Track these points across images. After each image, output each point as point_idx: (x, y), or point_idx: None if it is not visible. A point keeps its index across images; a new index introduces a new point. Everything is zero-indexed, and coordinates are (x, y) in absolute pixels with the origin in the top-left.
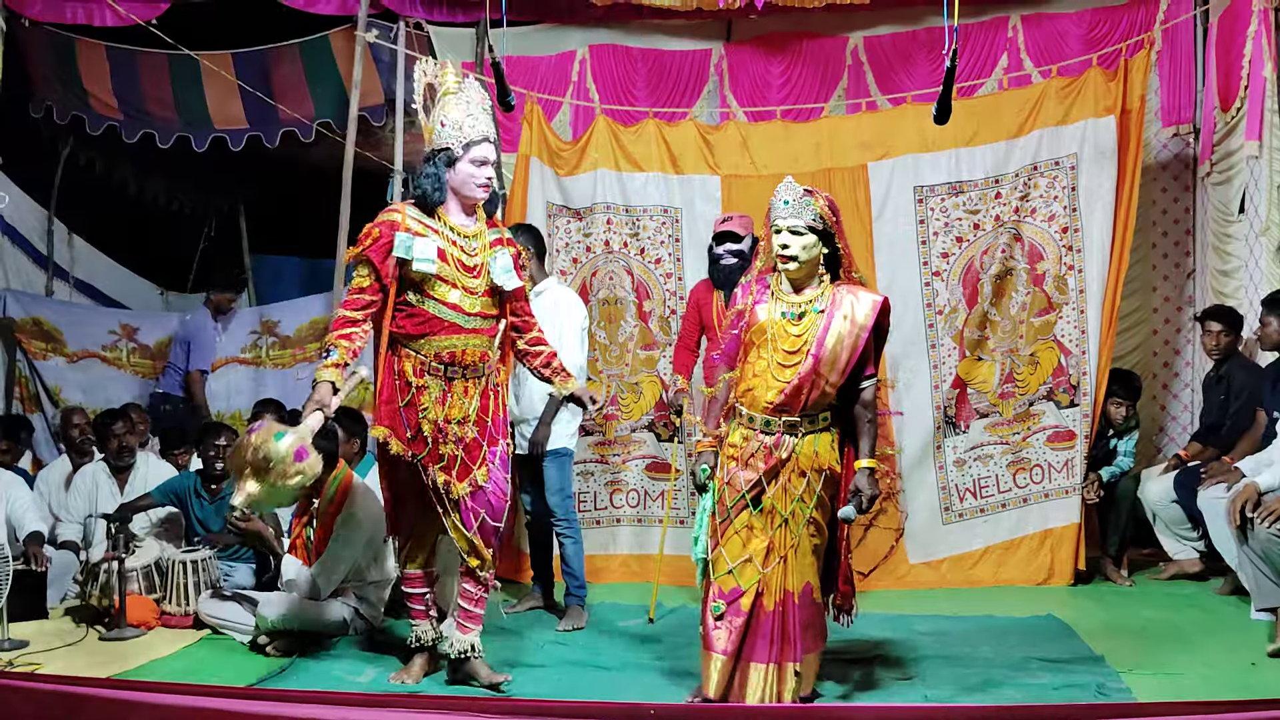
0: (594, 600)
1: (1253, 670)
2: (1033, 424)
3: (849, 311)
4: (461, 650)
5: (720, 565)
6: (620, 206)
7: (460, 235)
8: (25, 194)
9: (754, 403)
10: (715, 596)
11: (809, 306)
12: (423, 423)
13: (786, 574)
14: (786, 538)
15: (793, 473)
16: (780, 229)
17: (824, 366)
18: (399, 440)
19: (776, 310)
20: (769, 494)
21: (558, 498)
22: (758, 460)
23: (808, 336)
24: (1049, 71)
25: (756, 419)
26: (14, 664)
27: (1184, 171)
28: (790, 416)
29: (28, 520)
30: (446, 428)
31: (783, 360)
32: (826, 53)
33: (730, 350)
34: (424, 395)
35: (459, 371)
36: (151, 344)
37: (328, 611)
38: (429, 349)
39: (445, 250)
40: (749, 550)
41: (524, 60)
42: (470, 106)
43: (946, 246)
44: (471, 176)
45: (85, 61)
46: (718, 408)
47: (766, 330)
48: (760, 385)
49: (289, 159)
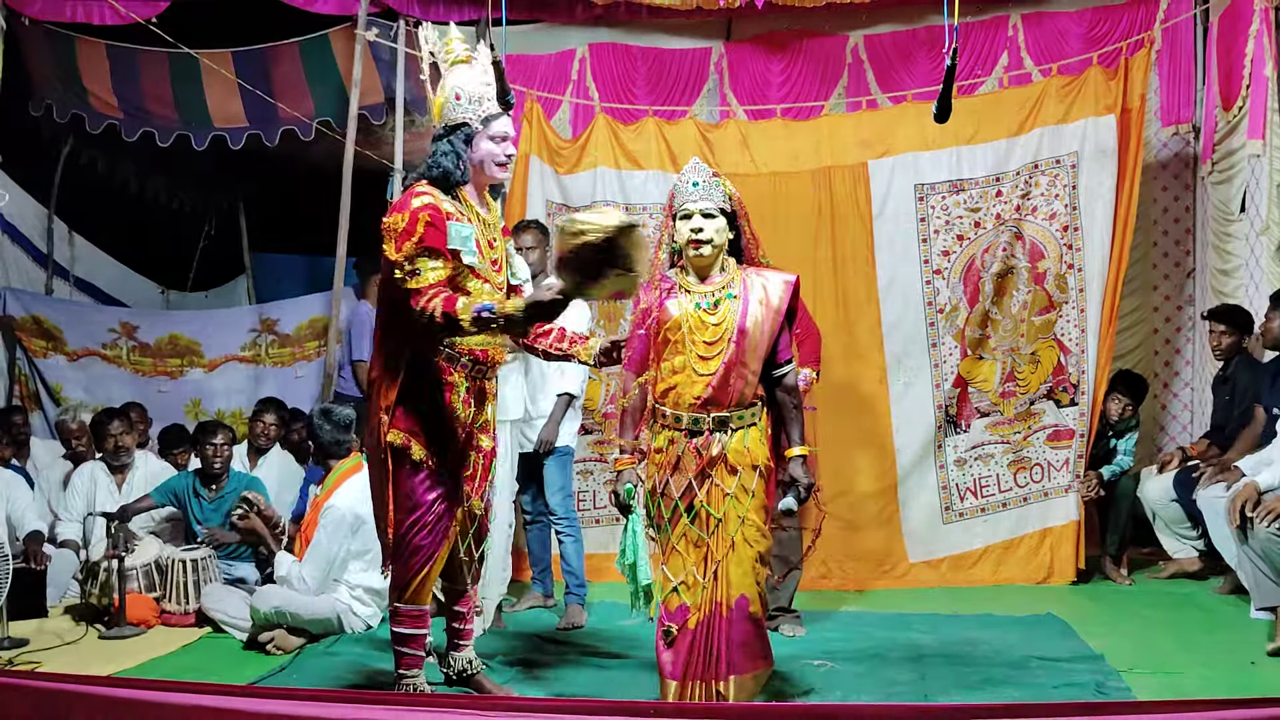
0: (593, 599)
1: (1252, 669)
2: (1033, 423)
3: (762, 295)
4: (461, 669)
5: (665, 584)
6: (620, 204)
7: (483, 222)
8: (25, 192)
9: (678, 401)
10: (664, 618)
11: (722, 293)
12: (454, 426)
13: (718, 585)
14: (720, 542)
15: (724, 470)
16: (691, 212)
17: (746, 353)
18: (420, 445)
19: (689, 303)
20: (700, 496)
21: (559, 496)
22: (687, 462)
23: (726, 324)
24: (1049, 70)
25: (683, 418)
26: (14, 662)
27: (1184, 170)
28: (719, 411)
29: (28, 519)
30: (475, 435)
31: (703, 352)
32: (827, 51)
33: (639, 353)
34: (453, 395)
35: (483, 371)
36: (152, 342)
37: (319, 607)
38: (464, 344)
39: (479, 239)
40: (689, 564)
41: (524, 59)
42: (487, 76)
43: (947, 245)
44: (491, 154)
45: (85, 60)
46: (632, 419)
47: (682, 324)
48: (683, 381)
49: (289, 157)
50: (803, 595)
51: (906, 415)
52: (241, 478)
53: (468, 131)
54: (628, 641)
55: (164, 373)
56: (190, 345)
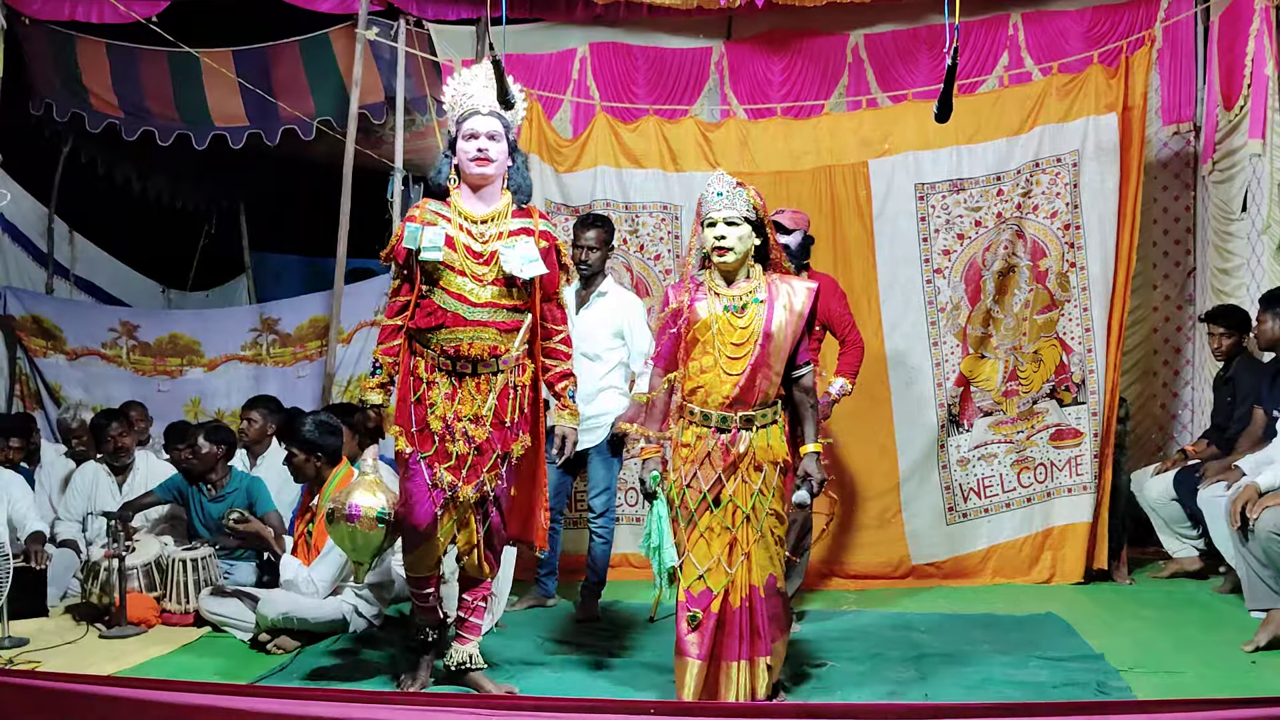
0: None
1: (1252, 668)
2: (1036, 422)
3: (787, 301)
4: (460, 662)
5: (690, 571)
6: (620, 204)
7: (469, 220)
8: (26, 191)
9: (706, 400)
10: (688, 603)
11: (749, 298)
12: (430, 419)
13: (751, 569)
14: (750, 533)
15: (750, 467)
16: (715, 221)
17: (771, 356)
18: (406, 438)
19: (718, 305)
20: (729, 490)
21: (604, 496)
22: (715, 458)
23: (753, 327)
24: (1049, 69)
25: (711, 416)
26: (14, 662)
27: (1184, 169)
28: (745, 411)
29: (30, 520)
30: (455, 425)
31: (731, 354)
32: (827, 50)
33: (668, 351)
34: (433, 391)
35: (468, 366)
36: (152, 341)
37: (327, 610)
38: (436, 343)
39: (454, 237)
40: (714, 552)
41: (524, 58)
42: (466, 86)
43: (948, 244)
44: (464, 153)
45: (85, 59)
46: (658, 412)
47: (711, 326)
48: (712, 381)
49: (289, 157)
50: (803, 595)
51: (908, 415)
52: (244, 477)
53: (450, 137)
54: (628, 641)
55: (164, 372)
56: (190, 345)
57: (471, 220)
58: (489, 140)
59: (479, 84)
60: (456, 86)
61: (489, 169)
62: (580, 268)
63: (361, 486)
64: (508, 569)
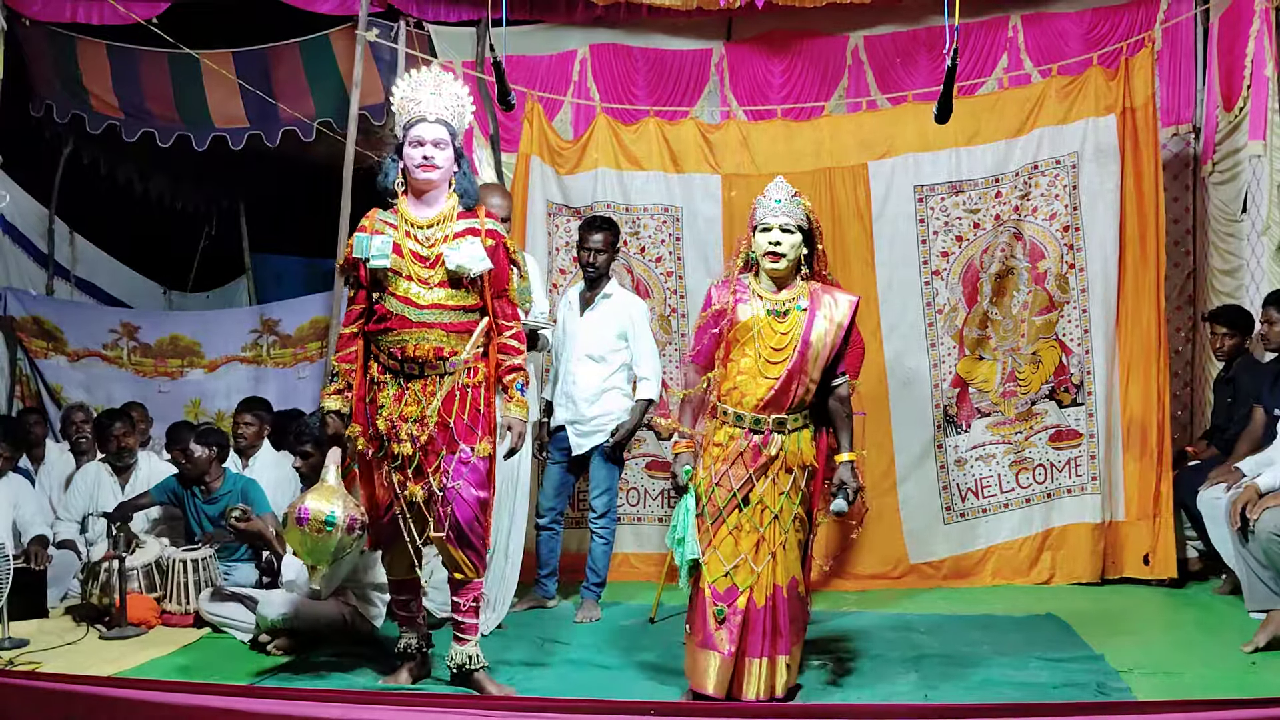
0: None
1: (1252, 669)
2: (1035, 423)
3: (829, 311)
4: (460, 663)
5: (716, 567)
6: (620, 205)
7: (414, 225)
8: (26, 193)
9: (741, 401)
10: (714, 599)
11: (792, 304)
12: (378, 420)
13: (776, 569)
14: (776, 534)
15: (780, 470)
16: (771, 226)
17: (809, 363)
18: (362, 437)
19: (761, 308)
20: (759, 491)
21: (605, 497)
22: (747, 458)
23: (793, 334)
24: (1049, 71)
25: (745, 417)
26: (14, 663)
27: (1184, 171)
28: (778, 414)
29: (35, 524)
30: (400, 426)
31: (770, 357)
32: (827, 52)
33: (707, 350)
34: (382, 393)
35: (415, 368)
36: (152, 342)
37: (327, 611)
38: (385, 345)
39: (400, 243)
40: (741, 550)
41: (524, 59)
42: (414, 92)
43: (946, 245)
44: (410, 159)
45: (85, 60)
46: (693, 408)
47: (752, 328)
48: (748, 383)
49: (290, 158)
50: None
51: (905, 415)
52: (238, 479)
53: (398, 142)
54: (629, 641)
55: (164, 373)
56: (191, 346)
57: (417, 225)
58: (434, 148)
59: (426, 90)
60: (404, 93)
61: (434, 175)
62: (587, 270)
63: (316, 492)
64: (513, 572)
